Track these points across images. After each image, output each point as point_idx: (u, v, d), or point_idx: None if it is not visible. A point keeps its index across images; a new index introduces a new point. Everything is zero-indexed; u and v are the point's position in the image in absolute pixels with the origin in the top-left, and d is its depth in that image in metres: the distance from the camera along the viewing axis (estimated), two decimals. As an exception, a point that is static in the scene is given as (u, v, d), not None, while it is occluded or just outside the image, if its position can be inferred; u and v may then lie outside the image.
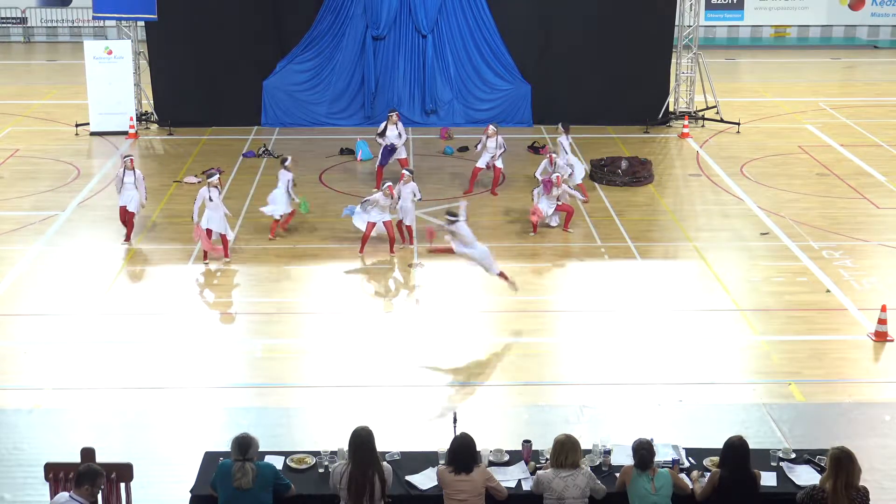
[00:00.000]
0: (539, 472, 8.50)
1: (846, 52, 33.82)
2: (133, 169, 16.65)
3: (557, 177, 17.24)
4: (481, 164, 19.30)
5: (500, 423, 11.77)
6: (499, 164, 19.29)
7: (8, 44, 34.39)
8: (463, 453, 8.40)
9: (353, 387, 12.51)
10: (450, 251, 14.49)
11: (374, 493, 8.21)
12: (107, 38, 29.86)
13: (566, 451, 8.36)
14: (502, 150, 19.22)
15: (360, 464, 8.22)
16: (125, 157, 16.94)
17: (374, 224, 16.32)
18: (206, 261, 16.17)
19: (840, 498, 7.94)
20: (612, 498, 8.54)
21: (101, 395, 12.31)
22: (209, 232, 16.08)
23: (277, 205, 16.85)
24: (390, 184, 16.56)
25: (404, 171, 16.79)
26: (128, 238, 16.78)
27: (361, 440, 8.26)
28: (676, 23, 24.20)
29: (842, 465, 7.97)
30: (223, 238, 16.28)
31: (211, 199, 15.98)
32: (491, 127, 19.23)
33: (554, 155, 17.86)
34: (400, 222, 16.64)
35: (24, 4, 34.27)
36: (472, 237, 14.29)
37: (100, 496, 8.71)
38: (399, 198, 16.40)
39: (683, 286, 15.50)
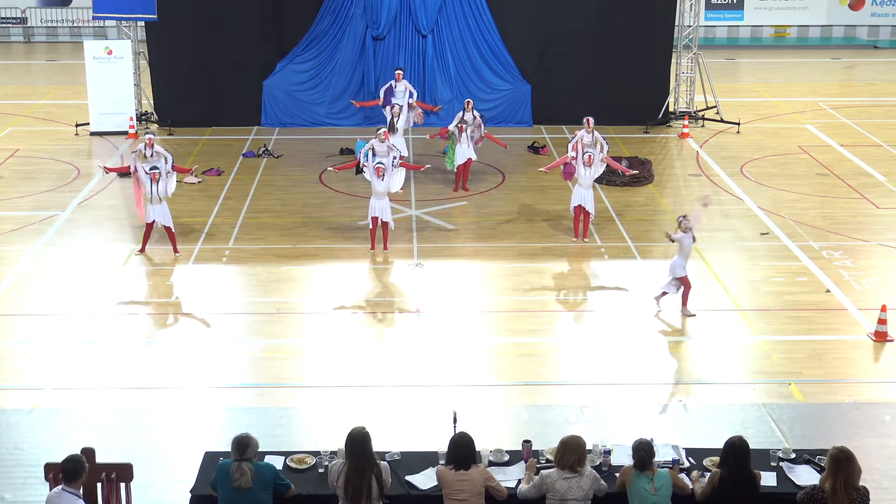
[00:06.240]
0: (542, 471, 8.47)
1: (846, 52, 33.83)
2: (157, 181, 15.98)
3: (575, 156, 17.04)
4: (463, 157, 19.35)
5: (500, 423, 11.77)
6: (474, 156, 19.37)
7: (8, 44, 34.39)
8: (461, 450, 8.40)
9: (353, 387, 12.51)
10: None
11: (372, 493, 8.21)
12: (107, 38, 29.90)
13: (569, 452, 8.33)
14: (480, 127, 19.25)
15: (357, 464, 8.21)
16: (152, 169, 16.01)
17: (377, 218, 16.37)
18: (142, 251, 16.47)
19: (839, 498, 7.94)
20: (611, 498, 8.54)
21: (101, 395, 12.31)
22: (153, 223, 16.26)
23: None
24: (385, 129, 17.09)
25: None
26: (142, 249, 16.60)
27: (356, 441, 8.24)
28: (676, 23, 24.20)
29: (840, 466, 7.97)
30: (168, 231, 16.30)
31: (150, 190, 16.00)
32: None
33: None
34: (375, 219, 16.51)
35: (24, 4, 34.27)
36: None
37: (100, 496, 8.73)
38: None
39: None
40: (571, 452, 8.34)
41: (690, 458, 9.13)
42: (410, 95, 20.29)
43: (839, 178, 20.46)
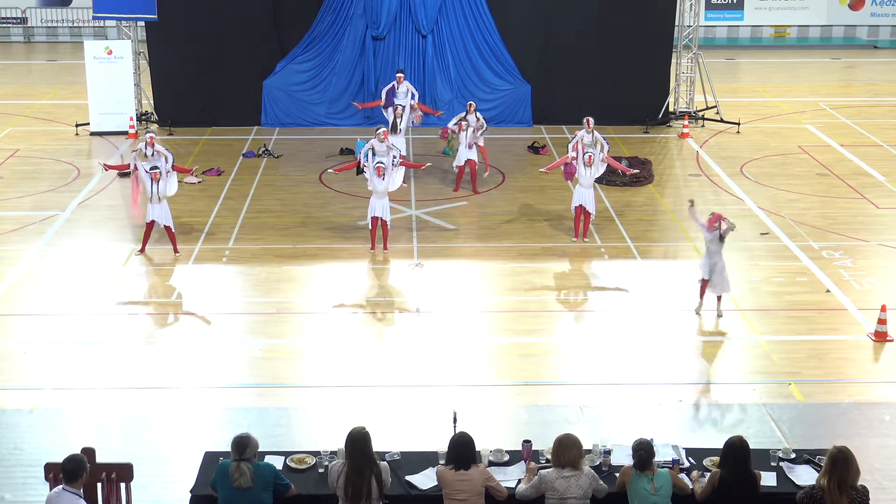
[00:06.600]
0: (542, 471, 8.48)
1: (846, 52, 33.83)
2: (157, 181, 15.96)
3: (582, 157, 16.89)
4: (463, 158, 19.30)
5: (500, 423, 11.77)
6: (474, 153, 19.35)
7: (8, 44, 34.39)
8: (461, 450, 8.39)
9: (353, 387, 12.51)
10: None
11: (371, 493, 8.20)
12: (107, 38, 29.89)
13: (565, 450, 8.33)
14: (483, 129, 19.21)
15: (356, 465, 8.21)
16: (152, 168, 16.01)
17: (377, 218, 16.38)
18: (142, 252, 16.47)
19: (834, 496, 7.96)
20: (612, 498, 8.54)
21: (101, 395, 12.32)
22: (153, 223, 16.23)
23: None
24: (384, 129, 17.00)
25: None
26: (142, 249, 16.57)
27: (356, 441, 8.23)
28: (676, 23, 24.20)
29: (836, 464, 8.00)
30: (168, 231, 16.29)
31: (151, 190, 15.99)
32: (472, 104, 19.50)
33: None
34: (375, 219, 16.49)
35: (24, 4, 34.27)
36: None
37: (100, 497, 8.72)
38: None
39: (683, 286, 15.48)
40: (568, 449, 8.34)
41: (690, 458, 9.13)
42: (412, 97, 20.29)
43: (839, 178, 20.46)
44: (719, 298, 14.42)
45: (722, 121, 24.03)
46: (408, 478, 8.79)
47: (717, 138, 23.37)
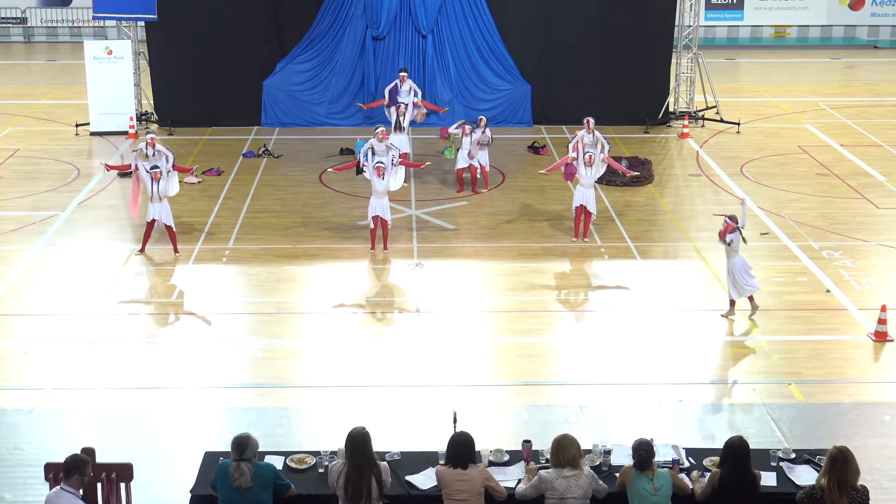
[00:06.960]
0: (542, 471, 8.48)
1: (846, 52, 33.83)
2: (157, 181, 15.97)
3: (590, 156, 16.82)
4: (464, 162, 19.31)
5: (500, 423, 11.77)
6: (483, 159, 19.33)
7: (8, 44, 34.39)
8: (461, 449, 8.39)
9: (353, 387, 12.51)
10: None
11: (371, 493, 8.20)
12: (107, 38, 29.89)
13: (563, 450, 8.34)
14: (487, 143, 19.17)
15: (357, 465, 8.21)
16: (152, 168, 16.02)
17: (377, 218, 16.37)
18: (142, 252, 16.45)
19: (834, 496, 7.96)
20: (612, 498, 8.54)
21: (101, 395, 12.32)
22: (153, 222, 16.23)
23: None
24: (383, 128, 16.95)
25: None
26: (142, 249, 16.58)
27: (356, 441, 8.23)
28: (676, 23, 24.20)
29: (836, 464, 8.01)
30: (170, 230, 16.29)
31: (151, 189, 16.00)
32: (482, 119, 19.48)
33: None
34: (376, 218, 16.51)
35: (24, 4, 34.27)
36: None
37: (100, 496, 8.72)
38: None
39: (683, 286, 15.50)
40: (567, 448, 8.34)
41: (690, 458, 9.13)
42: (416, 95, 20.27)
43: (839, 178, 20.46)
44: (732, 302, 14.39)
45: (722, 121, 24.03)
46: (408, 478, 8.79)
47: (717, 138, 23.37)
